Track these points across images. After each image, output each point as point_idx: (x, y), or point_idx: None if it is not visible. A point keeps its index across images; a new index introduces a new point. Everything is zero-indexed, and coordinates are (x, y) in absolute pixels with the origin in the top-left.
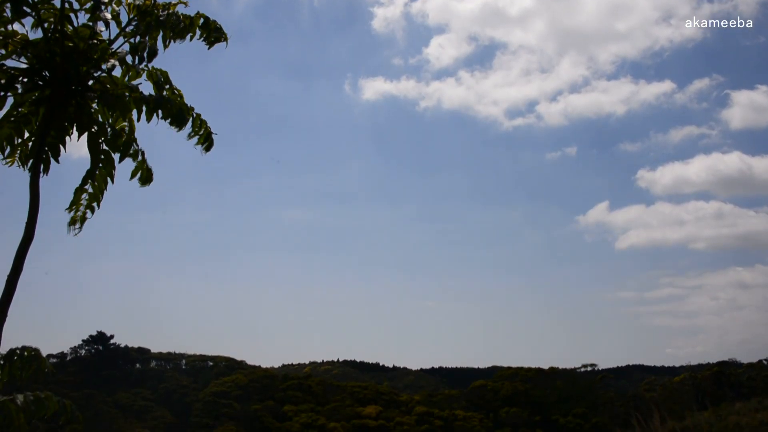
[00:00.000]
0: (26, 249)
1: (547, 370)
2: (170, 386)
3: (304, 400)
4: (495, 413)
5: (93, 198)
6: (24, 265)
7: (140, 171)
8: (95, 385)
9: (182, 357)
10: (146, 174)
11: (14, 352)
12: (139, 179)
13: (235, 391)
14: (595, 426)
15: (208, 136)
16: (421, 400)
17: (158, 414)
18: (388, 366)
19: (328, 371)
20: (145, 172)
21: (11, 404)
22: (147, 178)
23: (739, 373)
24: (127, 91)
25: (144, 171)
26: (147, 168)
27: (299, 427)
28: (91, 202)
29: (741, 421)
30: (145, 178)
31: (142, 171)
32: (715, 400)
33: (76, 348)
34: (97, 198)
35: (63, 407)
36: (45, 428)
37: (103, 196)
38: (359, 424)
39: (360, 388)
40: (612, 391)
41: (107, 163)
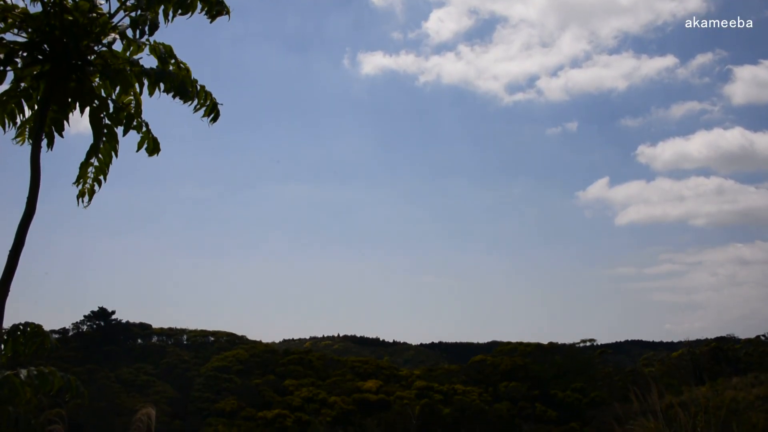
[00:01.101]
0: (27, 224)
1: (546, 345)
2: (172, 361)
3: (304, 375)
4: (494, 387)
5: (99, 171)
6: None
7: (146, 141)
8: (97, 360)
9: (183, 332)
10: (152, 144)
11: (17, 327)
12: (146, 149)
13: (236, 366)
14: (593, 400)
15: (214, 107)
16: (421, 374)
17: (160, 389)
18: (388, 341)
19: (328, 346)
20: (152, 143)
21: (15, 379)
22: (154, 148)
23: (737, 348)
24: (128, 66)
25: (150, 141)
26: (153, 138)
27: (300, 401)
28: (97, 175)
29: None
30: (152, 148)
31: (148, 141)
32: (713, 375)
33: (78, 324)
34: (103, 171)
35: (68, 383)
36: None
37: (108, 170)
38: (360, 398)
39: (360, 362)
40: (610, 366)
41: (111, 138)
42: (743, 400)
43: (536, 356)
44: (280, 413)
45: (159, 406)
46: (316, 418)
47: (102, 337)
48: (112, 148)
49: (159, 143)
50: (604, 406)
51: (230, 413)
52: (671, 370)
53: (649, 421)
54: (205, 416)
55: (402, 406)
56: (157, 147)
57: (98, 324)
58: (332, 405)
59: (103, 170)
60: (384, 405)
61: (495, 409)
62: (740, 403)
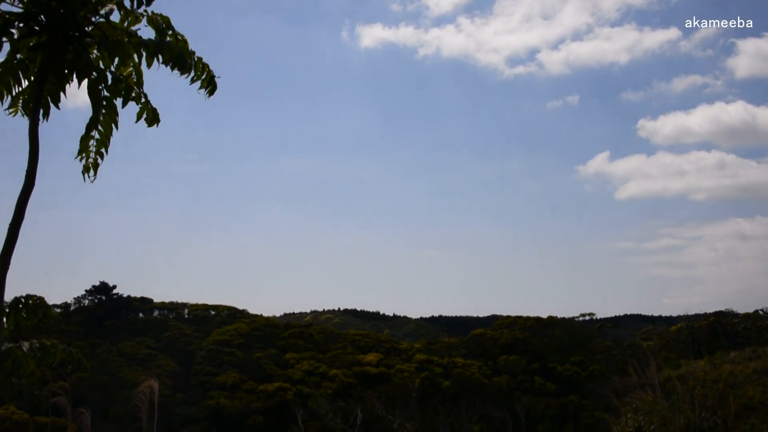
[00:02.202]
0: (27, 197)
1: (545, 319)
2: (173, 335)
3: (305, 348)
4: (494, 361)
5: (101, 144)
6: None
7: (145, 112)
8: (99, 334)
9: (185, 306)
10: (152, 115)
11: (19, 300)
12: (145, 120)
13: (237, 340)
14: (591, 374)
15: (211, 79)
16: (421, 347)
17: (162, 362)
18: (388, 315)
19: (329, 320)
20: (151, 113)
21: (18, 351)
22: (153, 118)
23: (735, 323)
24: (126, 37)
25: (149, 112)
26: (152, 108)
27: (301, 375)
28: (99, 148)
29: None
30: (151, 119)
31: (147, 112)
32: (711, 349)
33: (79, 298)
34: (104, 144)
35: (70, 355)
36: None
37: (110, 142)
38: (360, 372)
39: (361, 336)
40: (609, 340)
41: (110, 110)
42: (741, 374)
43: (536, 330)
44: (281, 386)
45: (161, 379)
46: (316, 391)
47: (103, 311)
48: (111, 120)
49: (158, 113)
50: (603, 380)
51: (232, 386)
52: (670, 344)
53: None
54: (207, 389)
55: (402, 379)
56: (156, 117)
57: (99, 298)
58: (333, 378)
59: (104, 143)
60: (384, 378)
61: (494, 382)
62: (737, 376)
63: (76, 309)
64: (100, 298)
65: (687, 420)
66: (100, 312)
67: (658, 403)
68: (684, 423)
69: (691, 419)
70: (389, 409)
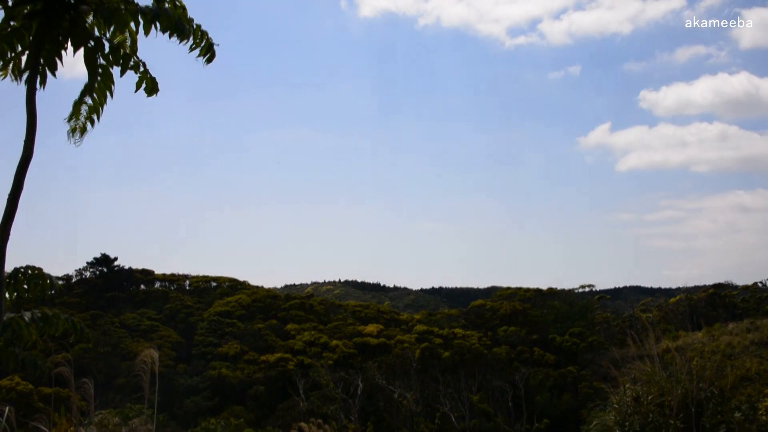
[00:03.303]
0: (26, 167)
1: (545, 290)
2: (175, 306)
3: (306, 319)
4: (493, 332)
5: (92, 110)
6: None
7: (144, 81)
8: (101, 306)
9: (186, 278)
10: (151, 84)
11: (18, 270)
12: (144, 90)
13: (238, 311)
14: (590, 345)
15: (210, 47)
16: (422, 319)
17: (164, 333)
18: (388, 286)
19: (329, 291)
20: (150, 82)
21: (20, 321)
22: (152, 88)
23: (734, 295)
24: (122, 4)
25: (148, 81)
26: (151, 78)
27: (302, 345)
28: (90, 114)
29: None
30: (150, 88)
31: (146, 81)
32: (710, 320)
33: (80, 270)
34: (96, 111)
35: (72, 325)
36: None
37: (102, 110)
38: (360, 342)
39: (361, 307)
40: (609, 311)
41: (106, 78)
42: (738, 345)
43: (535, 301)
44: (282, 357)
45: (163, 350)
46: (317, 362)
47: (105, 283)
48: (107, 88)
49: (157, 83)
50: (602, 351)
51: (233, 357)
52: (668, 316)
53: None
54: (209, 360)
55: (402, 350)
56: (155, 87)
57: (101, 270)
58: (334, 348)
59: (96, 109)
60: (385, 348)
61: (494, 353)
62: (735, 348)
63: (77, 281)
64: (101, 270)
65: (685, 390)
66: (101, 284)
67: (656, 374)
68: (682, 393)
69: (688, 390)
70: (389, 379)
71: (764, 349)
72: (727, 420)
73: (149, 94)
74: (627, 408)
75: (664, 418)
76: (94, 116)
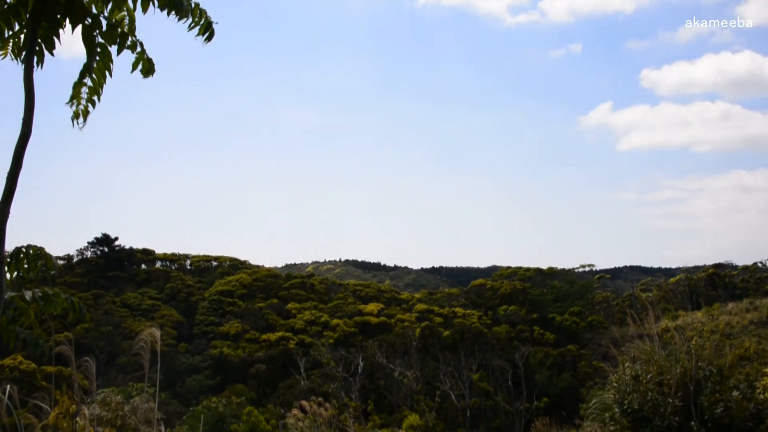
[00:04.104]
0: (24, 145)
1: (545, 270)
2: (176, 286)
3: (307, 299)
4: (494, 311)
5: (93, 92)
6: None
7: (141, 62)
8: (102, 286)
9: (187, 258)
10: (147, 65)
11: (20, 250)
12: (141, 71)
13: (239, 290)
14: (590, 324)
15: (209, 25)
16: (422, 298)
17: (165, 312)
18: (389, 265)
19: (330, 270)
20: (146, 63)
21: (21, 300)
22: (149, 69)
23: (734, 275)
24: None
25: (145, 62)
26: (147, 59)
27: (303, 324)
28: (91, 95)
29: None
30: (147, 69)
31: (143, 62)
32: (709, 300)
33: (81, 250)
34: (97, 92)
35: (71, 304)
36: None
37: (102, 90)
38: (361, 321)
39: (362, 286)
40: (609, 291)
41: (104, 56)
42: (737, 325)
43: (535, 281)
44: (283, 336)
45: (165, 329)
46: (318, 340)
47: (106, 263)
48: (106, 67)
49: (154, 64)
50: (602, 330)
51: (234, 336)
52: (668, 296)
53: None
54: (210, 339)
55: (403, 329)
56: (152, 68)
57: (102, 250)
58: (334, 328)
59: (96, 90)
60: (385, 327)
61: (494, 332)
62: (734, 327)
63: (78, 261)
64: (102, 250)
65: (683, 369)
66: (102, 264)
67: (655, 353)
68: (680, 372)
69: (687, 369)
70: (390, 358)
71: (763, 329)
72: (726, 398)
73: (145, 75)
74: (626, 387)
75: (663, 397)
76: (95, 98)
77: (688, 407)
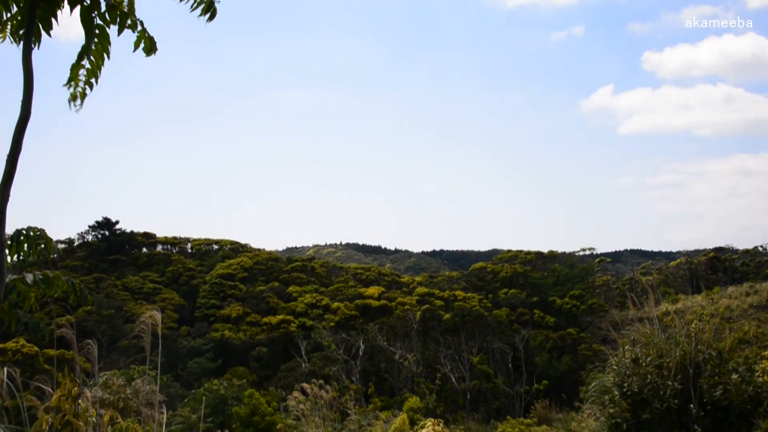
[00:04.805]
0: (24, 127)
1: (546, 253)
2: (177, 269)
3: (308, 282)
4: (494, 294)
5: (91, 74)
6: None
7: (143, 40)
8: (103, 269)
9: (188, 241)
10: (149, 43)
11: (20, 232)
12: (143, 49)
13: (240, 274)
14: (590, 307)
15: (211, 4)
16: (423, 281)
17: (167, 296)
18: (390, 249)
19: (331, 254)
20: (148, 42)
21: (22, 283)
22: (151, 47)
23: (734, 259)
24: None
25: (147, 40)
26: (149, 37)
27: (304, 307)
28: (89, 78)
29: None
30: (149, 48)
31: (145, 40)
32: (709, 284)
33: (83, 234)
34: (95, 74)
35: (72, 286)
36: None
37: (101, 72)
38: (362, 304)
39: (363, 269)
40: (609, 274)
41: (103, 38)
42: (737, 309)
43: (536, 264)
44: (284, 319)
45: (166, 312)
46: (319, 323)
47: (107, 246)
48: (104, 49)
49: (156, 42)
50: (602, 313)
51: (236, 319)
52: (668, 279)
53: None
54: (212, 322)
55: (403, 312)
56: (154, 46)
57: (103, 234)
58: (335, 311)
59: (94, 72)
60: (386, 310)
61: (494, 315)
62: (734, 311)
63: (80, 245)
64: (103, 233)
65: (683, 352)
66: (104, 247)
67: (655, 336)
68: (680, 355)
69: (687, 352)
70: (391, 341)
71: (763, 313)
72: (725, 381)
73: (148, 53)
74: (626, 369)
75: (663, 380)
76: (93, 80)
77: (687, 390)
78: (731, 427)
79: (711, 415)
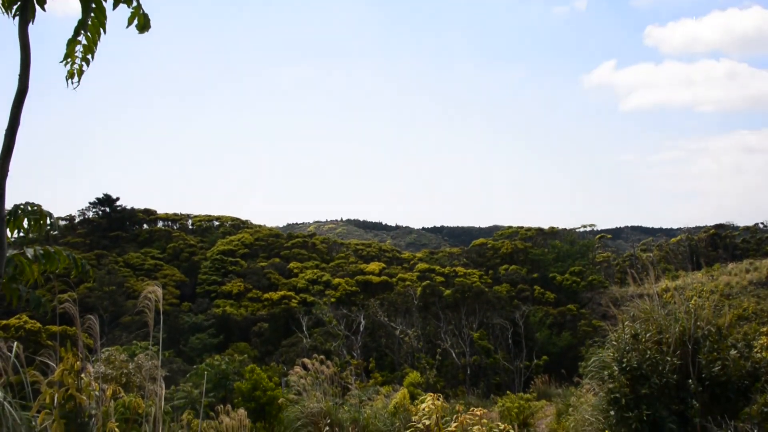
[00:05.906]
0: (22, 101)
1: (546, 229)
2: (178, 246)
3: (309, 258)
4: (494, 270)
5: (87, 50)
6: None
7: (137, 17)
8: (104, 246)
9: (188, 217)
10: (143, 20)
11: (18, 207)
12: (136, 26)
13: (241, 250)
14: (590, 284)
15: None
16: (423, 257)
17: (168, 272)
18: (390, 225)
19: (331, 230)
20: (142, 19)
21: (22, 258)
22: (144, 24)
23: (735, 235)
24: None
25: (141, 17)
26: (143, 14)
27: (305, 283)
28: (85, 54)
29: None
30: (142, 24)
31: (138, 17)
32: (710, 261)
33: (83, 210)
34: (91, 50)
35: (74, 261)
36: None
37: (96, 48)
38: (363, 280)
39: (363, 246)
40: (609, 251)
41: (99, 13)
42: (737, 285)
43: (536, 240)
44: (285, 294)
45: (167, 288)
46: (320, 299)
47: (108, 223)
48: (100, 24)
49: (150, 19)
50: (602, 289)
51: (237, 295)
52: (669, 256)
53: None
54: (213, 298)
55: (404, 288)
56: (147, 23)
57: (103, 211)
58: (336, 287)
59: (91, 48)
60: (386, 286)
61: (495, 291)
62: (734, 288)
63: (80, 221)
64: (104, 210)
65: (682, 328)
66: (104, 224)
67: (654, 312)
68: (679, 331)
69: (686, 328)
70: (391, 317)
71: (762, 290)
72: (723, 357)
73: (141, 30)
74: (625, 345)
75: (662, 355)
76: (89, 56)
77: (686, 365)
78: (729, 401)
79: (709, 390)
